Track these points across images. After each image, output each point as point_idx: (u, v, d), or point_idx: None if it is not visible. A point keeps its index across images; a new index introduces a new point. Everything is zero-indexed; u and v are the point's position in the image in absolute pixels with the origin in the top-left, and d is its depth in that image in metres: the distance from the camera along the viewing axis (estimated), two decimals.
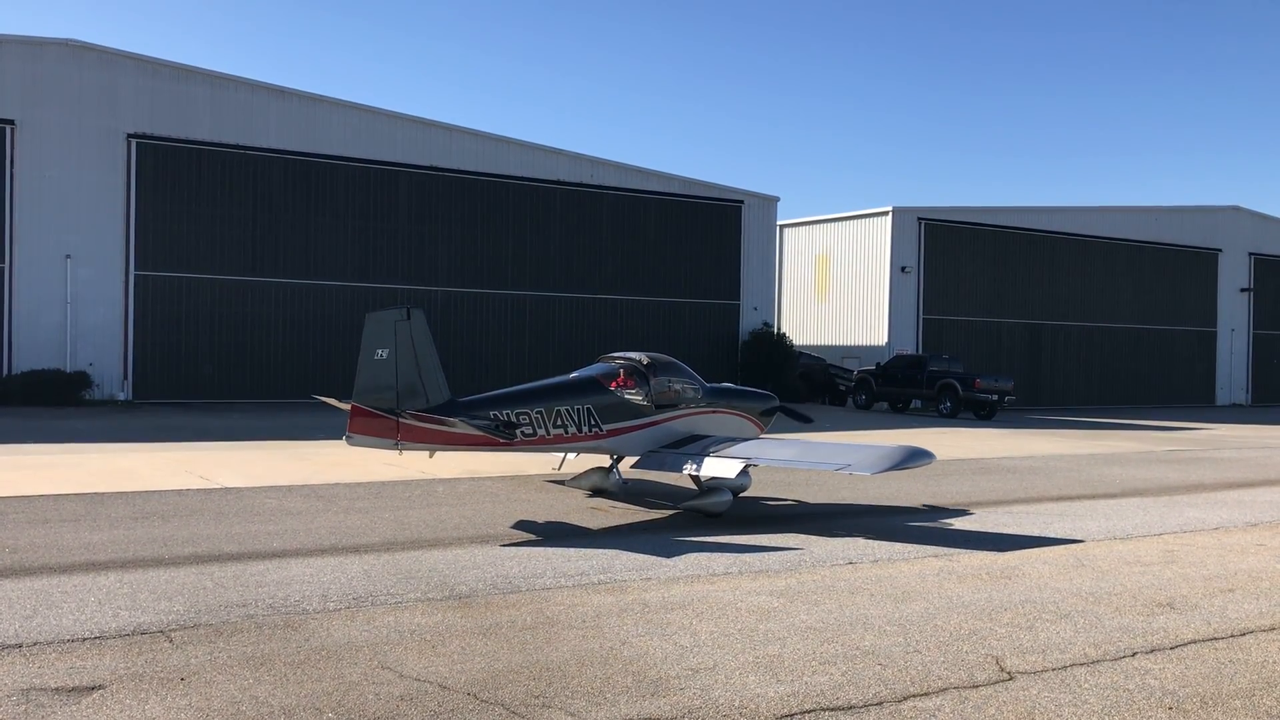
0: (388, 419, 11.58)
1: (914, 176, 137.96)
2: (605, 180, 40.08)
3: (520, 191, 38.33)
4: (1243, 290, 56.93)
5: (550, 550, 10.95)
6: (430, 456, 13.65)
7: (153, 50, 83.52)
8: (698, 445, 13.54)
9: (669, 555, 10.80)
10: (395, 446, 11.82)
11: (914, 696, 6.61)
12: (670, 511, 13.77)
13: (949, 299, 47.15)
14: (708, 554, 10.93)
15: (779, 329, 44.63)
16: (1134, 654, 7.68)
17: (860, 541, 11.97)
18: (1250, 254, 57.10)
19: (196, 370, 32.91)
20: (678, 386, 14.28)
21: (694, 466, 12.92)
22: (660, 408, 13.96)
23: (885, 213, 46.25)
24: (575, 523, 12.80)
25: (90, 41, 32.13)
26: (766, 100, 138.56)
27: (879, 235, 46.56)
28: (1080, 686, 6.89)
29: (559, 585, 9.35)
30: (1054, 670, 7.23)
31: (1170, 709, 6.53)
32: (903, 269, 45.79)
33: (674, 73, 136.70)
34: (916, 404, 40.54)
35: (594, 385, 13.69)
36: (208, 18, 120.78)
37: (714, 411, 14.65)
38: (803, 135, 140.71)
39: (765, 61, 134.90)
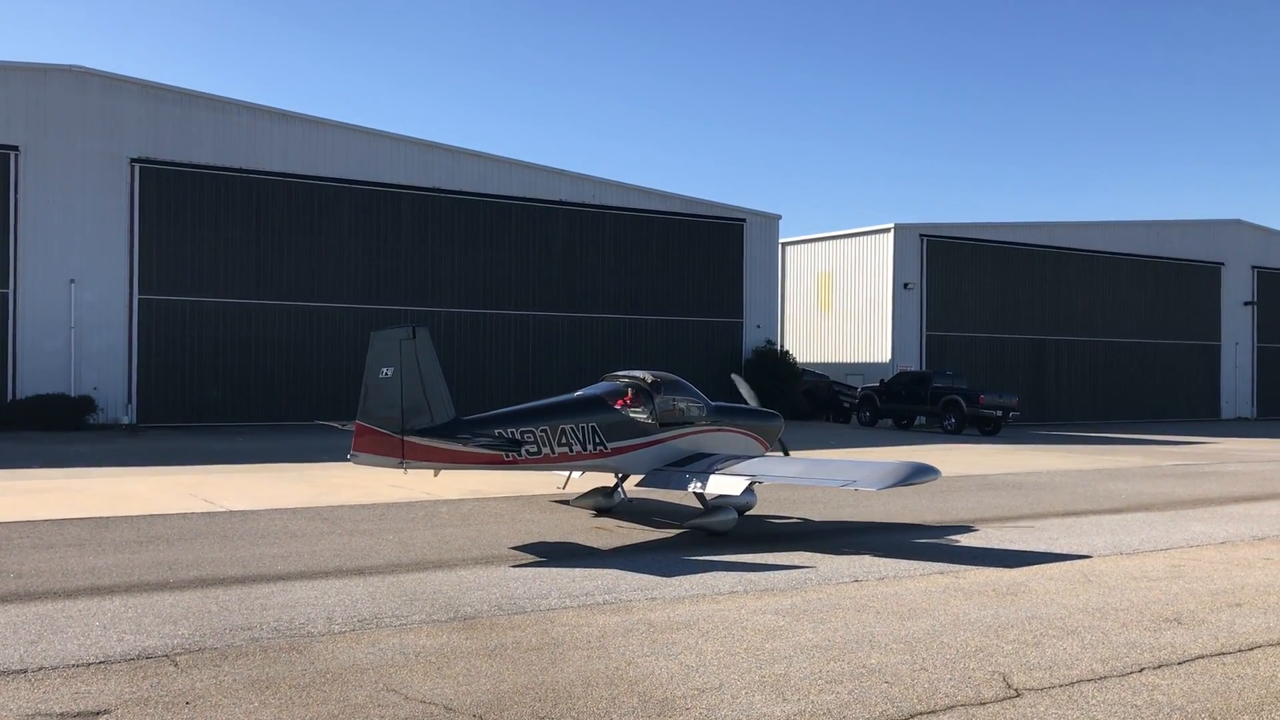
0: (393, 437, 11.58)
1: (916, 192, 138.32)
2: (607, 200, 40.20)
3: (523, 212, 38.46)
4: (1246, 304, 56.90)
5: (555, 570, 10.93)
6: (435, 475, 13.64)
7: (155, 75, 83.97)
8: (703, 463, 13.51)
9: (674, 574, 10.78)
10: (400, 465, 11.82)
11: (921, 714, 6.58)
12: (675, 530, 13.75)
13: (952, 315, 47.15)
14: (713, 573, 10.91)
15: (782, 346, 44.67)
16: (1141, 670, 7.64)
17: (866, 559, 11.94)
18: (1253, 267, 57.11)
19: (201, 393, 32.95)
20: (682, 405, 14.28)
21: (699, 484, 12.89)
22: (665, 426, 13.95)
23: (887, 230, 46.34)
24: (580, 542, 12.77)
25: (93, 67, 32.35)
26: (768, 118, 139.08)
27: (881, 252, 46.61)
28: (1088, 703, 6.86)
29: (564, 606, 9.32)
30: (1061, 687, 7.20)
31: None
32: (905, 285, 45.82)
33: (675, 92, 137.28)
34: (921, 420, 40.51)
35: (599, 403, 13.69)
36: (210, 43, 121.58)
37: (719, 429, 14.64)
38: (804, 153, 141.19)
39: (766, 80, 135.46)
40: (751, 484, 12.98)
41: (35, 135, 31.15)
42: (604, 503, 14.93)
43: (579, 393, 14.25)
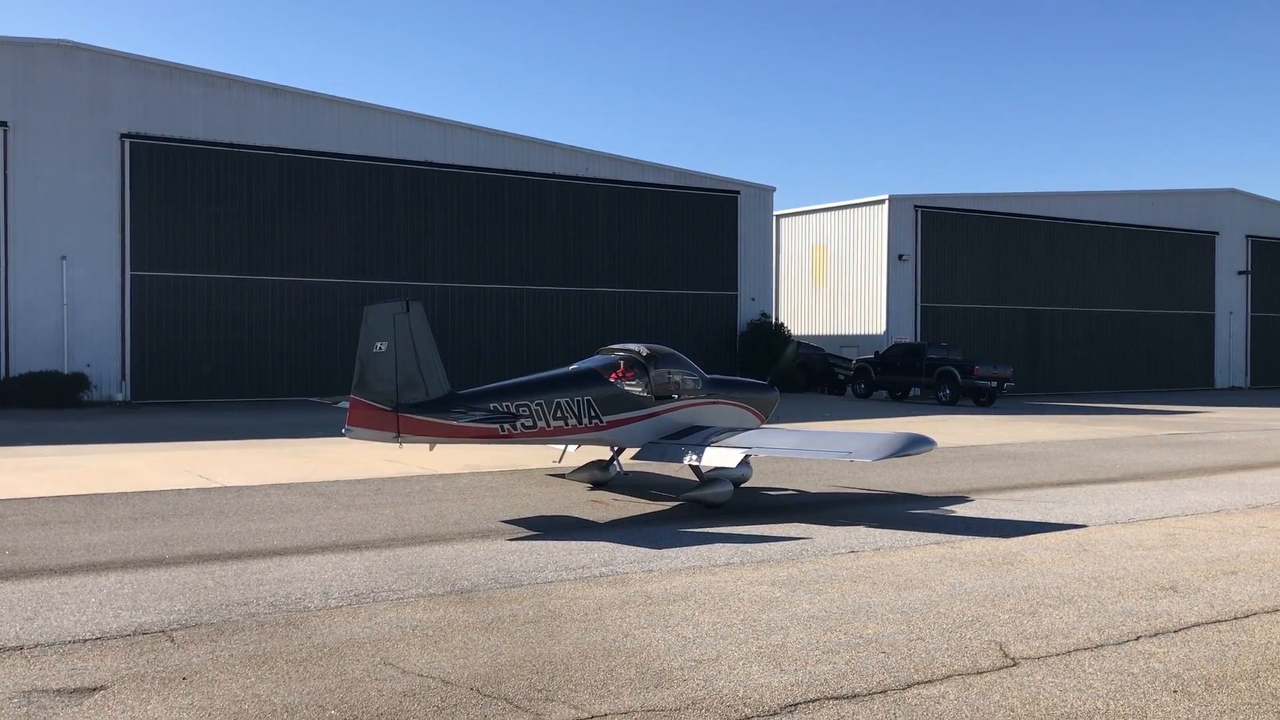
0: (388, 412, 11.55)
1: (910, 164, 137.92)
2: (601, 173, 40.01)
3: (516, 185, 38.26)
4: (1240, 273, 56.88)
5: (551, 543, 10.93)
6: (430, 449, 13.62)
7: (145, 50, 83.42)
8: (698, 436, 13.51)
9: (670, 547, 10.79)
10: (395, 439, 11.78)
11: (918, 684, 6.59)
12: (671, 503, 13.75)
13: (946, 286, 47.09)
14: (709, 545, 10.92)
15: (777, 319, 44.63)
16: (1137, 638, 7.66)
17: (862, 530, 11.95)
18: (1247, 236, 57.04)
19: (194, 370, 32.86)
20: (677, 378, 14.27)
21: (694, 457, 12.90)
22: (660, 399, 13.94)
23: (881, 201, 46.19)
24: (576, 515, 12.78)
25: (82, 41, 32.01)
26: (761, 90, 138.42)
27: (875, 224, 46.49)
28: (1084, 671, 6.88)
29: (561, 578, 9.33)
30: (1058, 655, 7.22)
31: (1175, 692, 6.51)
32: (900, 257, 45.73)
33: (668, 64, 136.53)
34: (915, 392, 40.52)
35: (594, 377, 13.67)
36: (200, 16, 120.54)
37: (714, 402, 14.63)
38: (798, 125, 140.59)
39: (759, 51, 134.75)
40: (747, 456, 12.99)
41: (24, 111, 30.88)
42: (600, 476, 14.92)
43: (574, 366, 14.22)
